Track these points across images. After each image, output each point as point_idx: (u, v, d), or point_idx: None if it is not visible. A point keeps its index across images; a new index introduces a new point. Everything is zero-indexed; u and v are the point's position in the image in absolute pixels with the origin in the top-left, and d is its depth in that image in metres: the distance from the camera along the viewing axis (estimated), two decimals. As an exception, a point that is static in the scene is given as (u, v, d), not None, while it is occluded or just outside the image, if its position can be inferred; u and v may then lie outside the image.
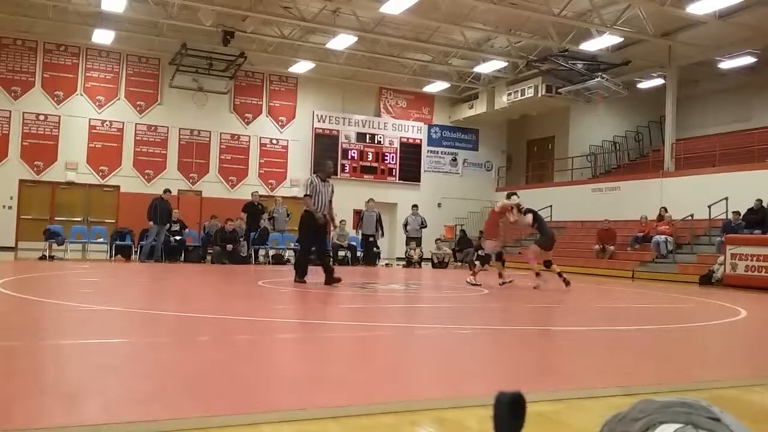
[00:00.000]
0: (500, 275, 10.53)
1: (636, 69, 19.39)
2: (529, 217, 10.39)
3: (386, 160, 23.01)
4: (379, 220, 17.76)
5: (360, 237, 17.94)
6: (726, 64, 18.83)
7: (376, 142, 22.92)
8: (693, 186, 17.13)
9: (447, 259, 18.78)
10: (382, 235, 18.38)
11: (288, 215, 17.80)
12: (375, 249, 18.62)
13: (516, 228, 10.33)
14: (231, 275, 11.78)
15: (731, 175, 16.37)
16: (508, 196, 10.64)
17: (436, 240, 19.24)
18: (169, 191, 16.72)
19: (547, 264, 10.62)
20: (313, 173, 9.59)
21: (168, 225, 15.83)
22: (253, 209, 17.12)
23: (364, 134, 22.77)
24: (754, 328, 6.81)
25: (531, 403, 1.16)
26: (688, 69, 19.42)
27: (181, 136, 20.36)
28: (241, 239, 16.31)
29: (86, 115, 19.26)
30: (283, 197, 19.35)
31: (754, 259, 12.60)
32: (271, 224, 17.33)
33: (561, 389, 3.01)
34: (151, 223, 15.55)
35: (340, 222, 19.16)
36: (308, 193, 9.28)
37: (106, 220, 18.72)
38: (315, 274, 9.45)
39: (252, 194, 17.89)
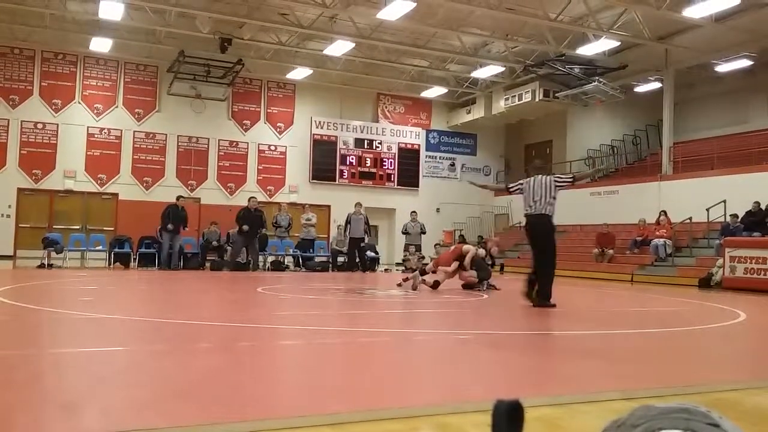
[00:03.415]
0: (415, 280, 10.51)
1: (633, 73, 19.45)
2: (474, 273, 10.55)
3: (384, 165, 23.03)
4: (366, 223, 17.55)
5: (348, 241, 17.60)
6: (723, 68, 18.88)
7: (374, 147, 22.95)
8: (691, 189, 17.15)
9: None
10: (369, 235, 18.12)
11: (290, 223, 17.77)
12: (374, 254, 18.60)
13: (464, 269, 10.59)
14: (230, 282, 11.76)
15: (729, 178, 16.39)
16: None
17: (436, 245, 19.22)
18: (182, 197, 16.54)
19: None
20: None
21: (180, 232, 15.69)
22: (249, 216, 17.01)
23: (362, 140, 22.79)
24: (754, 330, 6.81)
25: (530, 407, 1.16)
26: (685, 72, 19.47)
27: (180, 144, 20.37)
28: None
29: (84, 123, 19.28)
30: (283, 204, 19.38)
31: (753, 261, 12.60)
32: (275, 230, 17.34)
33: (560, 394, 3.00)
34: (160, 229, 15.49)
35: (338, 227, 19.10)
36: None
37: (105, 228, 18.71)
38: (320, 283, 9.43)
39: (250, 200, 16.91)
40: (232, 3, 16.43)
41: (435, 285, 10.14)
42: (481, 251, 11.12)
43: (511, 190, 8.25)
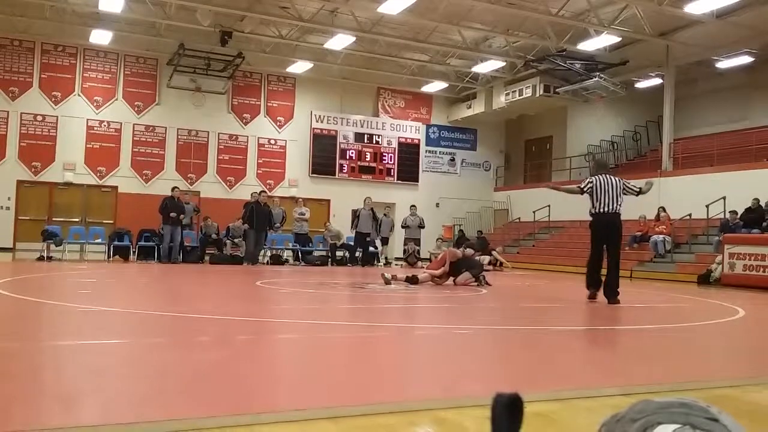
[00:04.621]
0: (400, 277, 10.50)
1: (634, 69, 19.41)
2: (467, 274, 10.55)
3: (384, 160, 23.01)
4: (374, 218, 17.51)
5: (354, 236, 17.62)
6: (723, 64, 18.86)
7: (374, 142, 22.92)
8: (691, 185, 17.15)
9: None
10: (378, 231, 17.98)
11: (283, 218, 17.73)
12: (373, 248, 18.63)
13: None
14: (229, 276, 11.77)
15: (729, 175, 16.39)
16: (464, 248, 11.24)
17: (437, 239, 19.24)
18: (178, 188, 16.49)
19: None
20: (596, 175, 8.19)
21: (180, 225, 15.63)
22: (259, 210, 16.95)
23: (363, 134, 22.77)
24: (753, 327, 6.82)
25: (529, 402, 1.15)
26: (686, 68, 19.44)
27: (179, 137, 20.34)
28: (239, 239, 16.31)
29: (84, 116, 19.24)
30: (281, 197, 19.40)
31: (752, 258, 12.62)
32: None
33: (559, 389, 3.00)
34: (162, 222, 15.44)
35: (325, 224, 19.09)
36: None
37: (104, 221, 18.69)
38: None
39: (261, 194, 16.82)
40: (233, -4, 16.39)
41: (411, 279, 10.12)
42: (469, 251, 11.09)
43: (585, 190, 8.12)
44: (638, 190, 8.24)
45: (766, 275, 12.33)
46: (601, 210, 7.98)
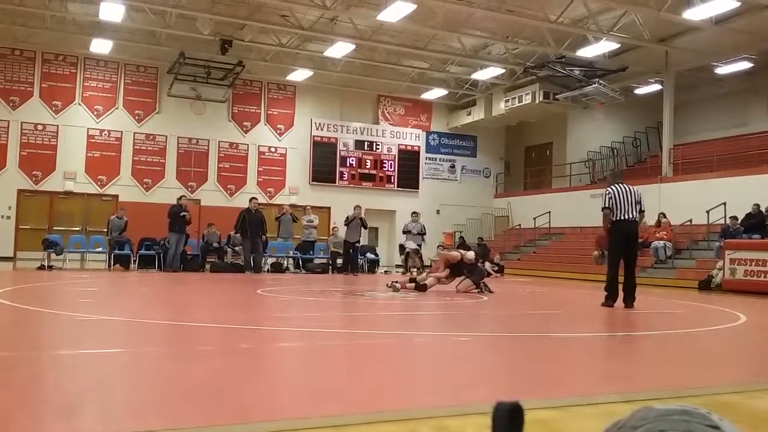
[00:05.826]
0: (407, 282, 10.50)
1: (633, 75, 19.46)
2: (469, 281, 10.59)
3: (384, 167, 23.04)
4: (363, 226, 17.24)
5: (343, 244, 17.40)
6: (723, 70, 18.91)
7: (374, 149, 22.96)
8: (691, 191, 17.15)
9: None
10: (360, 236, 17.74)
11: (294, 220, 17.62)
12: (374, 256, 18.60)
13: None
14: (230, 284, 11.76)
15: (729, 180, 16.40)
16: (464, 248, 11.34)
17: (438, 246, 19.22)
18: (185, 197, 16.50)
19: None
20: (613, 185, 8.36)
21: (186, 234, 15.58)
22: (251, 217, 16.97)
23: (363, 141, 22.81)
24: (754, 333, 6.80)
25: (530, 410, 1.16)
26: (685, 75, 19.48)
27: (180, 145, 20.38)
28: (240, 247, 16.29)
29: (84, 125, 19.29)
30: (283, 205, 19.39)
31: (753, 264, 12.59)
32: (279, 231, 17.23)
33: (560, 396, 3.00)
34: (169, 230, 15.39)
35: (333, 228, 19.07)
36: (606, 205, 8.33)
37: (105, 230, 18.67)
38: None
39: (251, 200, 16.74)
40: (233, 5, 16.45)
41: (420, 287, 10.10)
42: (470, 254, 11.06)
43: (608, 205, 8.29)
44: (642, 211, 8.49)
45: (767, 281, 12.31)
46: (621, 217, 8.13)
